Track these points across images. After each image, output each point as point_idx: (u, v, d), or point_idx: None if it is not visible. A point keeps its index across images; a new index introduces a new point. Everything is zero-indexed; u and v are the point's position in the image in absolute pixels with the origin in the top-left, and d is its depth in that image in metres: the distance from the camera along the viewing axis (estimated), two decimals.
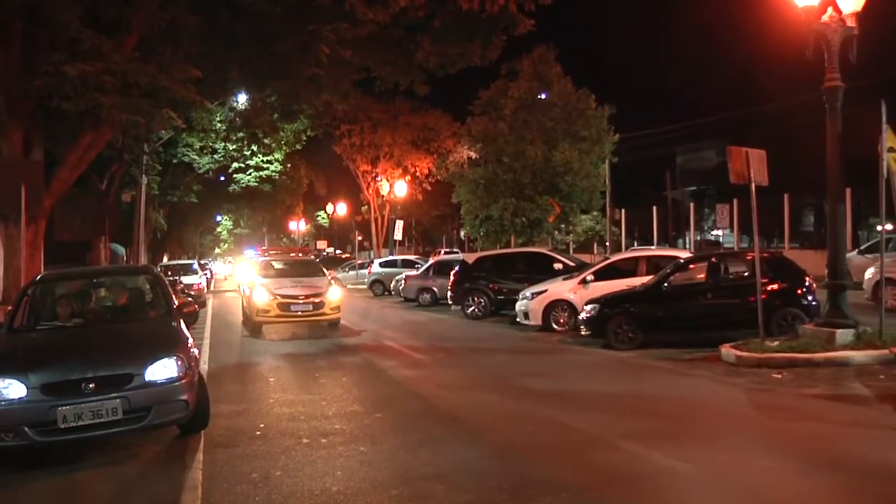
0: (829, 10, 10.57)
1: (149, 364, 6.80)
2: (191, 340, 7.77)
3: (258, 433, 7.64)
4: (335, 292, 17.14)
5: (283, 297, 16.34)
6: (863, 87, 15.64)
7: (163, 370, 6.84)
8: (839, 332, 10.47)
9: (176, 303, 8.77)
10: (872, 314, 11.46)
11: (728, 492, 5.49)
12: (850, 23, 10.58)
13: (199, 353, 12.91)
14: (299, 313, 16.41)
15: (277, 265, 19.22)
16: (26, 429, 6.35)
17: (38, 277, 9.43)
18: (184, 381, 6.92)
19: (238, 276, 37.74)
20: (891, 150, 10.83)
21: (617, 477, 5.83)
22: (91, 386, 6.52)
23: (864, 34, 10.70)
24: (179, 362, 6.96)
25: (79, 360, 6.86)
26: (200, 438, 7.41)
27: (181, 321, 8.22)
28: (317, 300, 16.50)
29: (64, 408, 6.38)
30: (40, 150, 15.52)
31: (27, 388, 6.42)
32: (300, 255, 22.41)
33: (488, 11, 14.97)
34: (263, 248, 33.65)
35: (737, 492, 5.47)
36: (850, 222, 21.37)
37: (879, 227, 13.28)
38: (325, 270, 19.32)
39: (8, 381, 6.46)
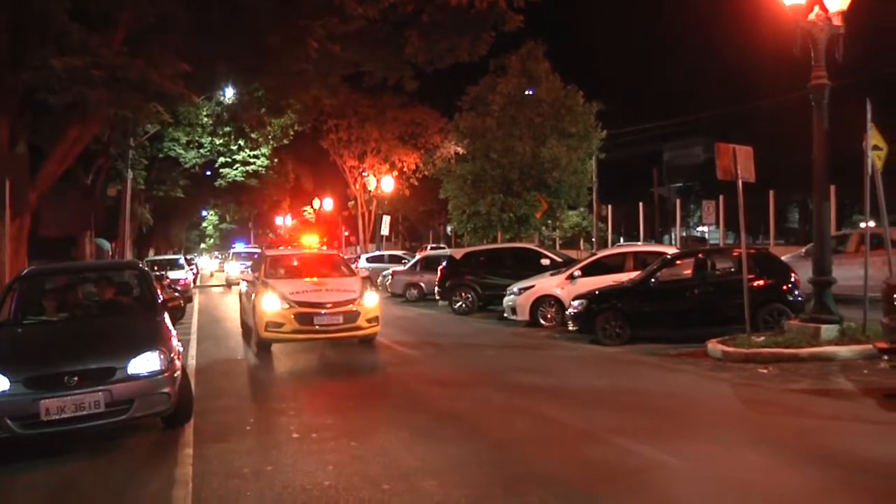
0: (816, 8, 10.65)
1: (131, 358, 6.89)
2: (174, 334, 7.83)
3: (248, 428, 7.66)
4: (371, 298, 12.81)
5: (303, 305, 12.13)
6: (849, 85, 15.77)
7: (145, 364, 6.93)
8: (824, 327, 10.59)
9: (161, 297, 8.84)
10: (857, 309, 11.56)
11: (716, 485, 5.55)
12: (837, 21, 10.66)
13: (187, 349, 12.95)
14: (321, 328, 12.18)
15: (291, 261, 15.12)
16: (9, 421, 6.43)
17: (25, 272, 9.51)
18: (166, 374, 7.02)
19: (229, 272, 36.34)
20: (875, 147, 10.94)
21: (608, 471, 5.89)
22: (74, 379, 6.60)
23: (850, 33, 10.78)
24: (162, 356, 7.05)
25: (62, 353, 6.96)
26: (190, 433, 7.42)
27: (165, 316, 8.27)
28: (348, 309, 12.29)
29: (47, 401, 6.47)
30: (25, 144, 15.43)
31: (10, 382, 6.50)
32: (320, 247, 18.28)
33: (477, 7, 15.06)
34: (270, 237, 32.97)
35: (725, 485, 5.54)
36: (835, 219, 21.54)
37: (863, 224, 13.42)
38: (352, 267, 15.20)
39: None
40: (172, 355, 7.26)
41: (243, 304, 15.18)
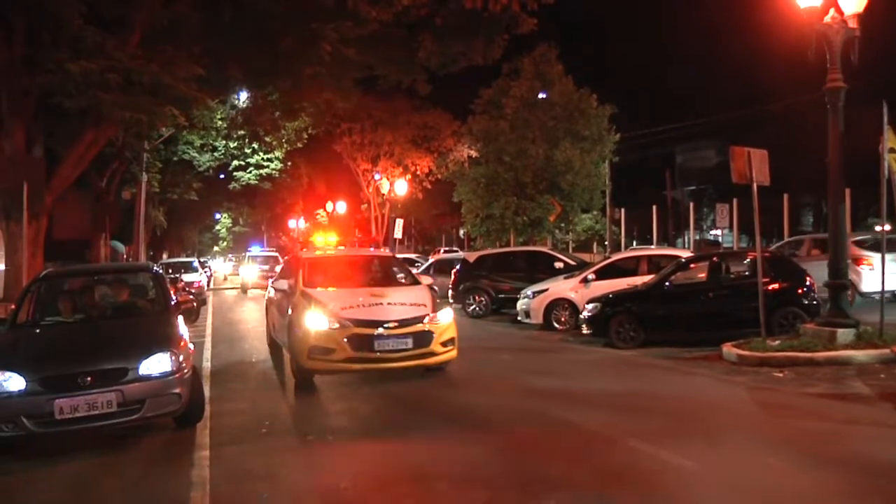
0: (832, 11, 10.60)
1: (143, 358, 7.03)
2: (186, 336, 7.97)
3: (264, 430, 7.67)
4: (446, 314, 10.14)
5: (359, 324, 9.38)
6: (864, 87, 15.69)
7: (157, 364, 7.06)
8: (840, 331, 10.51)
9: (174, 299, 8.99)
10: (872, 313, 11.47)
11: (733, 489, 5.52)
12: (852, 24, 10.59)
13: (202, 351, 13.02)
14: (383, 354, 9.38)
15: (335, 265, 11.89)
16: (24, 420, 6.58)
17: (42, 275, 9.64)
18: (177, 375, 7.15)
19: (245, 276, 34.21)
20: (892, 150, 10.85)
21: (623, 474, 5.86)
22: (87, 379, 6.75)
23: (865, 35, 10.72)
24: (173, 357, 7.18)
25: (76, 354, 7.14)
26: (206, 435, 7.45)
27: (178, 317, 8.42)
28: (419, 329, 9.57)
29: (60, 400, 6.62)
30: (41, 148, 15.56)
31: (26, 382, 6.67)
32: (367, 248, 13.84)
33: (491, 10, 15.05)
34: (282, 239, 31.65)
35: (742, 489, 5.51)
36: (850, 222, 21.41)
37: (879, 227, 13.32)
38: (413, 273, 11.95)
39: (8, 374, 6.69)
40: (184, 356, 7.39)
41: (273, 319, 12.15)
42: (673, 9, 60.51)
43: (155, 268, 10.44)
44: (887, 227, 12.98)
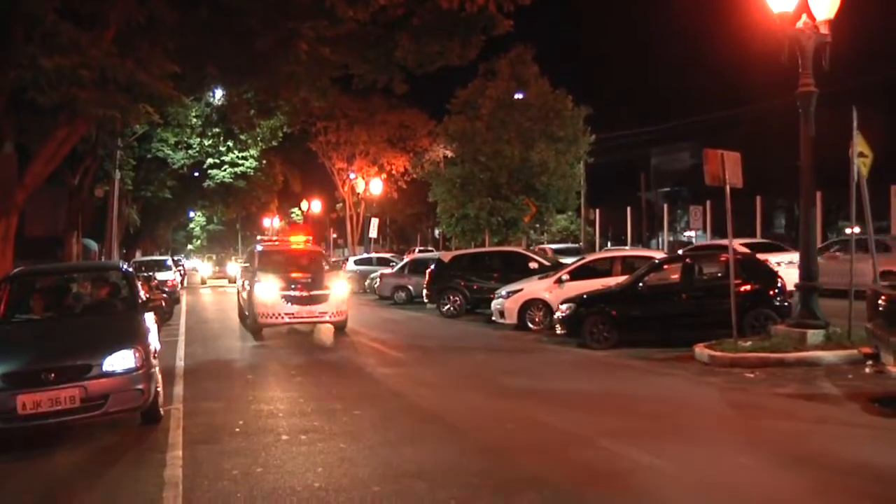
0: (804, 17, 10.75)
1: (107, 355, 7.13)
2: (154, 333, 8.16)
3: (237, 430, 7.64)
4: None
5: None
6: (835, 92, 15.91)
7: (121, 361, 7.17)
8: (810, 332, 10.67)
9: (142, 297, 9.08)
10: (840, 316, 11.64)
11: (704, 488, 5.60)
12: (824, 30, 10.76)
13: (175, 350, 12.94)
14: None
15: None
16: None
17: (13, 273, 9.73)
18: (141, 371, 7.25)
19: (261, 295, 14.55)
20: (861, 154, 11.03)
21: (596, 473, 5.92)
22: (51, 375, 6.82)
23: (836, 41, 10.89)
24: (137, 354, 7.28)
25: (41, 351, 7.23)
26: (179, 435, 7.42)
27: (147, 315, 8.50)
28: None
29: (23, 396, 6.70)
30: (12, 144, 15.35)
31: None
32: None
33: (468, 11, 15.03)
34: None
35: (713, 488, 5.59)
36: (821, 225, 21.70)
37: (849, 230, 13.55)
38: None
39: None
40: (148, 353, 7.48)
41: None
42: (648, 12, 60.98)
43: (124, 266, 10.46)
44: (856, 230, 13.19)
